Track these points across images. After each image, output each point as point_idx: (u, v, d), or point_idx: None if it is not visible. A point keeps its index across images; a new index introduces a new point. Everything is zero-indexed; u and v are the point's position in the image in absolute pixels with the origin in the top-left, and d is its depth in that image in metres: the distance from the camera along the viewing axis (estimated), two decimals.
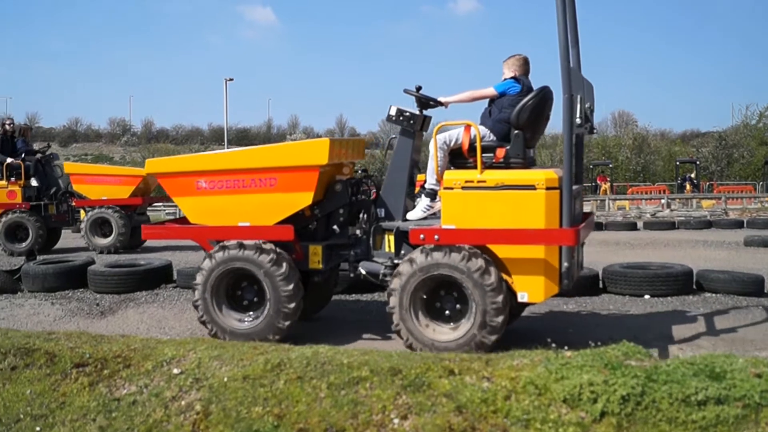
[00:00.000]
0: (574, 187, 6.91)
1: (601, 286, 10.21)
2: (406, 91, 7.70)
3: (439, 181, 7.19)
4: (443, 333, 6.85)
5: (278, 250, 7.39)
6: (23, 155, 17.04)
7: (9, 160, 16.80)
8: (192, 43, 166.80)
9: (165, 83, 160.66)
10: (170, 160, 8.37)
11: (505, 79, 7.51)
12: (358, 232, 7.74)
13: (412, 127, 7.62)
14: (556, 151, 61.16)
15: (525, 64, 7.62)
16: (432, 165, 7.42)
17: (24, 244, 16.38)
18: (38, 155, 17.68)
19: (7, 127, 17.31)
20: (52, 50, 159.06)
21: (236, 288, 7.70)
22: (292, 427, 4.52)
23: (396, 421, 4.40)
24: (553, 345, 5.34)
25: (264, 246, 7.37)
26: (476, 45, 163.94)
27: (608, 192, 42.91)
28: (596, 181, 48.22)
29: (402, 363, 4.89)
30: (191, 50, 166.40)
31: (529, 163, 7.25)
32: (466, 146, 7.15)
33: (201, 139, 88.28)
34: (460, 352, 6.11)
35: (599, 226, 22.07)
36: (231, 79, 56.07)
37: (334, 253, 7.81)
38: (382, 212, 7.69)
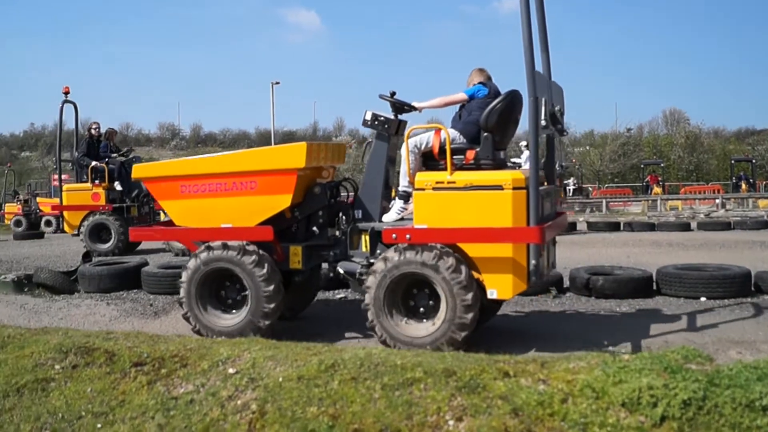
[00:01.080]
0: (544, 186, 7.45)
1: (654, 287, 10.10)
2: (381, 96, 7.97)
3: (411, 183, 7.46)
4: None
5: (260, 251, 7.68)
6: (107, 158, 17.26)
7: (94, 163, 17.11)
8: (238, 48, 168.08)
9: (212, 88, 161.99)
10: (156, 165, 8.70)
11: (474, 84, 7.79)
12: (337, 233, 8.05)
13: (387, 131, 7.88)
14: (605, 151, 60.79)
15: (486, 73, 7.99)
16: (404, 168, 7.67)
17: (107, 245, 16.69)
18: (122, 158, 17.91)
19: (93, 131, 17.58)
20: (103, 56, 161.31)
21: (220, 287, 7.98)
22: (347, 428, 4.51)
23: (451, 422, 4.38)
24: (609, 348, 5.31)
25: (246, 247, 7.67)
26: (521, 46, 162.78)
27: (660, 194, 42.32)
28: (647, 180, 47.71)
29: (456, 364, 4.88)
30: (238, 55, 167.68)
31: (499, 164, 7.46)
32: (436, 149, 7.47)
33: (248, 143, 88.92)
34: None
35: (651, 227, 21.88)
36: (277, 83, 56.42)
37: (315, 254, 8.14)
38: (359, 213, 7.95)
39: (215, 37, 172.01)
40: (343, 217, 8.02)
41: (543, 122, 6.82)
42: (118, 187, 17.35)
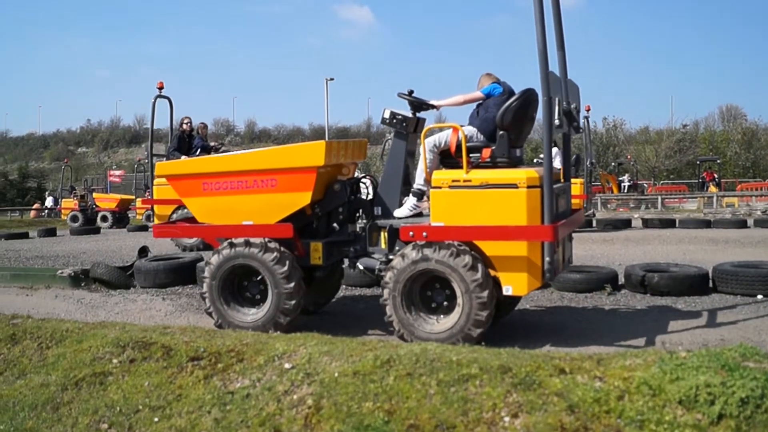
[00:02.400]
0: (559, 184, 7.65)
1: (710, 285, 9.99)
2: (399, 94, 8.13)
3: (427, 181, 7.59)
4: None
5: (281, 248, 7.79)
6: (198, 152, 17.30)
7: (184, 157, 17.16)
8: (292, 44, 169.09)
9: (267, 84, 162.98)
10: (179, 163, 8.94)
11: (491, 84, 8.02)
12: (357, 229, 8.18)
13: (405, 129, 8.04)
14: (661, 147, 60.21)
15: (494, 76, 8.17)
16: (421, 166, 7.78)
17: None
18: (212, 153, 18.00)
19: (185, 126, 17.71)
20: (156, 54, 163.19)
21: (242, 283, 8.11)
22: (403, 423, 4.53)
23: (507, 419, 4.38)
24: (666, 345, 5.28)
25: (268, 244, 7.77)
26: (578, 39, 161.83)
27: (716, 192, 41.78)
28: (703, 177, 47.15)
29: (511, 361, 4.87)
30: (292, 51, 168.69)
31: (515, 162, 7.59)
32: (453, 147, 7.60)
33: (302, 139, 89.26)
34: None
35: (707, 224, 21.64)
36: (331, 79, 56.48)
37: (335, 250, 8.23)
38: (379, 210, 8.07)
39: (270, 34, 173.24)
40: (363, 214, 8.19)
41: (557, 121, 7.01)
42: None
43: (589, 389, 4.37)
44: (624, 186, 47.23)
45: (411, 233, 7.27)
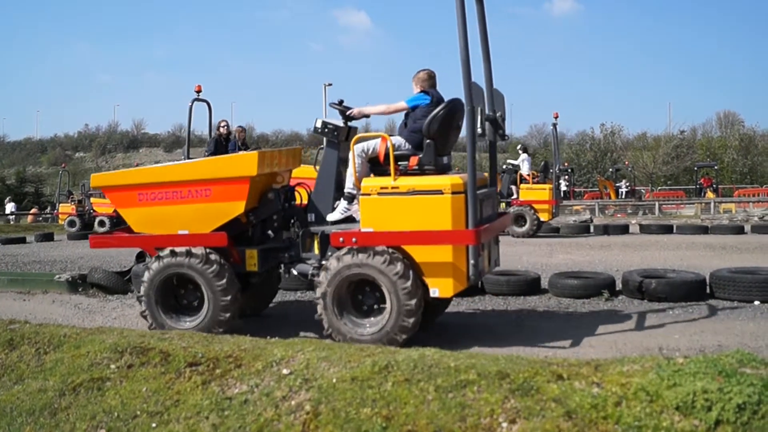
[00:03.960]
0: (485, 190, 7.98)
1: (708, 291, 10.00)
2: (331, 104, 8.39)
3: (357, 186, 7.81)
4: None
5: (216, 256, 7.97)
6: None
7: None
8: (292, 50, 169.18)
9: (267, 89, 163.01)
10: (114, 175, 8.96)
11: (416, 93, 8.09)
12: (291, 236, 8.37)
13: (337, 138, 8.29)
14: (658, 153, 60.29)
15: (431, 78, 8.19)
16: (351, 172, 7.95)
17: None
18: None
19: (222, 129, 17.59)
20: (156, 59, 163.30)
21: (179, 290, 8.30)
22: (401, 429, 4.53)
23: (504, 425, 4.38)
24: (663, 351, 5.28)
25: (209, 256, 7.94)
26: (576, 46, 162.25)
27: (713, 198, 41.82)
28: (700, 183, 47.20)
29: (509, 367, 4.87)
30: (290, 57, 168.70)
31: (443, 169, 7.84)
32: (382, 155, 7.82)
33: (300, 144, 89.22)
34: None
35: (704, 230, 21.65)
36: (330, 84, 56.28)
37: (270, 256, 8.42)
38: (312, 217, 8.31)
39: (268, 40, 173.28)
40: (297, 221, 8.36)
41: (479, 130, 7.28)
42: None
43: (587, 395, 4.37)
44: (621, 192, 47.30)
45: (341, 239, 7.50)
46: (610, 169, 55.50)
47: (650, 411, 4.14)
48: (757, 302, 9.39)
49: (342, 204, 8.08)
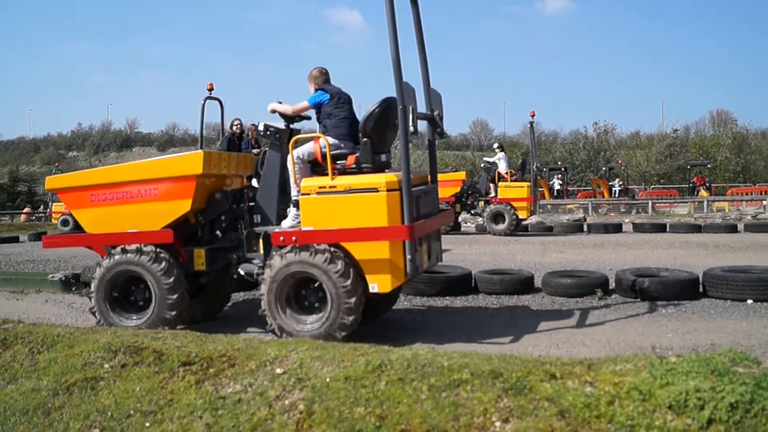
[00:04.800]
0: (423, 187, 8.21)
1: (701, 290, 10.03)
2: (270, 109, 8.54)
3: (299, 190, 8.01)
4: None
5: (170, 259, 8.18)
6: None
7: None
8: (285, 49, 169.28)
9: (258, 88, 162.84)
10: (66, 177, 9.25)
11: (314, 92, 8.39)
12: (239, 236, 8.53)
13: (279, 140, 8.51)
14: (651, 152, 60.36)
15: (323, 74, 8.53)
16: (293, 178, 8.17)
17: None
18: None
19: (235, 128, 17.44)
20: (150, 58, 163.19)
21: (128, 289, 8.45)
22: (394, 428, 4.53)
23: (498, 424, 4.39)
24: (656, 350, 5.30)
25: (152, 251, 8.14)
26: (569, 44, 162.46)
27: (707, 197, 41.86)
28: (693, 182, 47.27)
29: (503, 366, 4.88)
30: (285, 55, 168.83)
31: (381, 167, 8.06)
32: (319, 156, 8.03)
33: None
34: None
35: (697, 229, 21.68)
36: None
37: (219, 256, 8.59)
38: (258, 218, 8.54)
39: (261, 39, 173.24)
40: (242, 222, 8.56)
41: (411, 128, 7.37)
42: (255, 183, 17.07)
43: (580, 394, 4.38)
44: (615, 191, 47.34)
45: (282, 238, 7.71)
46: (604, 168, 55.50)
47: (643, 410, 4.15)
48: (750, 301, 9.42)
49: (293, 211, 8.21)
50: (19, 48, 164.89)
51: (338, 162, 7.90)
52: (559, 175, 50.70)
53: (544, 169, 46.88)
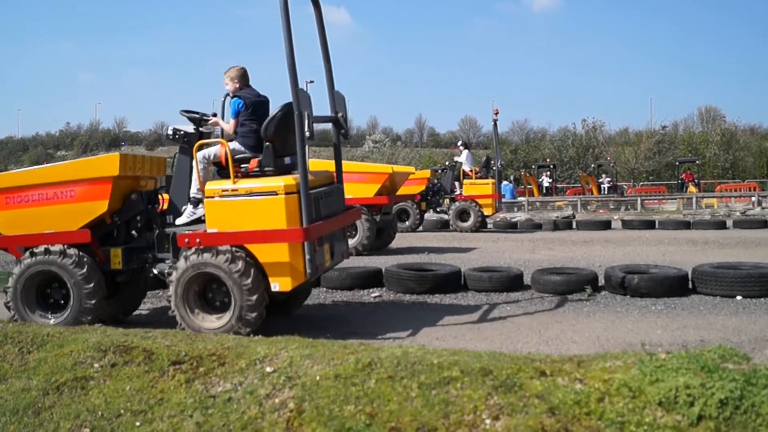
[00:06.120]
0: (324, 188, 8.48)
1: (690, 286, 10.05)
2: (181, 112, 8.72)
3: (201, 190, 8.17)
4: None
5: (80, 253, 8.25)
6: None
7: None
8: (273, 47, 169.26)
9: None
10: None
11: (233, 98, 8.53)
12: (154, 237, 8.60)
13: (188, 144, 8.60)
14: (640, 149, 60.51)
15: (244, 76, 8.67)
16: (195, 177, 8.38)
17: None
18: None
19: None
20: (138, 57, 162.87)
21: (46, 289, 8.51)
22: (384, 426, 4.54)
23: (488, 421, 4.39)
24: (645, 346, 5.30)
25: (67, 250, 8.21)
26: (556, 42, 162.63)
27: (695, 193, 41.97)
28: (682, 178, 47.37)
29: (492, 363, 4.89)
30: (272, 54, 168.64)
31: (285, 170, 8.20)
32: (223, 159, 8.14)
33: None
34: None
35: (686, 225, 21.73)
36: (311, 81, 56.14)
37: (135, 256, 8.68)
38: (170, 219, 8.67)
39: (248, 38, 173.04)
40: (155, 223, 8.67)
41: (307, 133, 7.60)
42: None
43: (570, 391, 4.39)
44: (604, 187, 47.42)
45: (186, 240, 7.87)
46: (592, 165, 55.67)
47: (633, 407, 4.16)
48: (739, 297, 9.43)
49: (188, 208, 8.51)
50: (7, 47, 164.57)
51: (242, 165, 8.09)
52: (548, 173, 50.81)
53: (505, 167, 47.15)
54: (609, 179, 49.26)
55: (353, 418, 4.64)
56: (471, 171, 23.55)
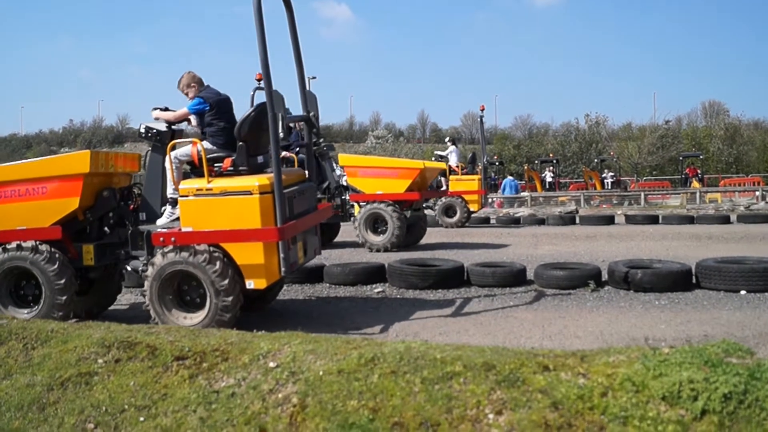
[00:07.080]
0: (297, 187, 8.54)
1: (694, 281, 10.04)
2: (152, 110, 8.87)
3: (176, 190, 8.21)
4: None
5: (52, 249, 8.36)
6: (297, 149, 16.09)
7: (283, 153, 16.03)
8: (274, 43, 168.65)
9: (247, 83, 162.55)
10: None
11: (193, 98, 8.62)
12: (127, 233, 8.75)
13: (161, 142, 8.74)
14: (643, 143, 60.44)
15: (199, 81, 8.80)
16: (170, 176, 8.46)
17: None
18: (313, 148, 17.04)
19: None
20: (138, 53, 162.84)
21: (19, 284, 8.71)
22: (387, 421, 4.54)
23: (491, 416, 4.39)
24: (649, 341, 5.30)
25: (39, 246, 8.32)
26: (560, 37, 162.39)
27: (699, 188, 41.91)
28: (686, 173, 47.33)
29: (495, 358, 4.88)
30: (273, 50, 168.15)
31: (258, 169, 8.32)
32: (196, 159, 8.30)
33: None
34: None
35: (690, 220, 21.71)
36: (313, 77, 56.23)
37: (107, 252, 8.82)
38: (143, 216, 8.77)
39: (249, 34, 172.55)
40: (128, 220, 8.77)
41: (281, 134, 7.76)
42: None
43: (573, 386, 4.39)
44: (607, 182, 47.41)
45: (162, 239, 7.94)
46: (596, 160, 55.62)
47: (636, 401, 4.15)
48: (743, 292, 9.44)
49: (168, 209, 8.55)
50: (8, 44, 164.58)
51: (216, 165, 8.17)
52: (551, 168, 50.78)
53: (496, 163, 47.37)
54: (612, 174, 49.28)
55: (356, 413, 4.64)
56: (457, 167, 23.56)
